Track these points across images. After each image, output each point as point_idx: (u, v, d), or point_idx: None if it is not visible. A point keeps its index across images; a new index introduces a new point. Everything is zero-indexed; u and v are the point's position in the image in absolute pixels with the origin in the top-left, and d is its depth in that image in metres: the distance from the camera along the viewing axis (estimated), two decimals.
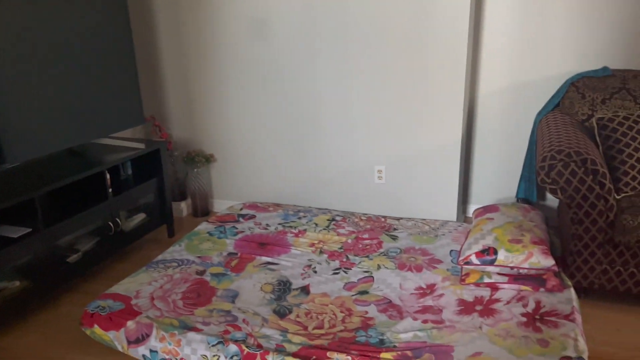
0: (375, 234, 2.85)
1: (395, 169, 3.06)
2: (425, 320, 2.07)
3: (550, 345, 1.86)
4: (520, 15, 2.84)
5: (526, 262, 2.20)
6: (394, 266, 2.50)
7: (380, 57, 2.88)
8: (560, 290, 2.19)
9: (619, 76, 2.62)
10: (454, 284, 2.31)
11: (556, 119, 2.59)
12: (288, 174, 3.33)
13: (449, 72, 2.78)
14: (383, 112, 2.98)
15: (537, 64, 2.89)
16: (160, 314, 2.11)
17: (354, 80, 2.97)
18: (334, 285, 2.37)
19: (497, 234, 2.35)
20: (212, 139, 3.44)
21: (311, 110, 3.13)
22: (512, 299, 2.17)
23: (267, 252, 2.67)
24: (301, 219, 3.06)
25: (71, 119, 2.59)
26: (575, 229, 2.22)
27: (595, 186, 2.12)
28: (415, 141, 2.97)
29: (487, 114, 3.07)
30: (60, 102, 2.52)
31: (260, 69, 3.15)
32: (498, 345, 1.88)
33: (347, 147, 3.12)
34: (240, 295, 2.28)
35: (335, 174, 3.21)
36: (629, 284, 2.22)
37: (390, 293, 2.29)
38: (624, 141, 2.34)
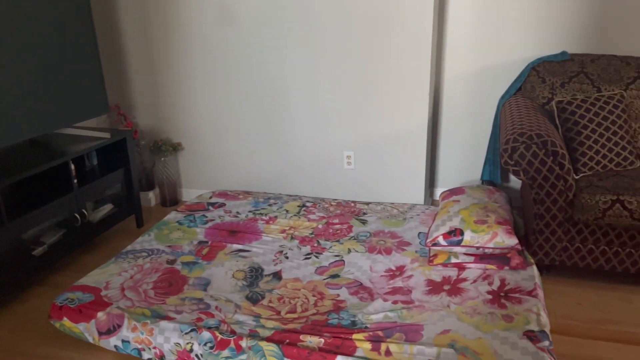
0: (345, 218, 2.88)
1: (364, 155, 3.09)
2: (396, 301, 2.12)
3: (515, 320, 1.93)
4: (483, 0, 2.89)
5: (491, 241, 2.27)
6: (364, 250, 2.54)
7: (347, 43, 2.89)
8: (524, 268, 2.27)
9: (577, 60, 2.70)
10: (422, 265, 2.37)
11: (518, 102, 2.66)
12: (257, 161, 3.33)
13: (414, 57, 2.82)
14: (351, 98, 3.00)
15: (500, 49, 2.95)
16: (131, 304, 2.09)
17: (321, 66, 2.98)
18: (306, 270, 2.40)
19: (463, 215, 2.41)
20: (179, 128, 3.40)
21: (279, 97, 3.12)
22: (478, 277, 2.25)
23: (238, 239, 2.68)
24: (272, 206, 3.07)
25: (32, 109, 2.52)
26: (537, 209, 2.30)
27: (555, 167, 2.20)
28: (383, 126, 3.00)
29: (452, 98, 3.13)
30: (20, 91, 2.45)
31: (227, 56, 3.12)
32: (465, 322, 1.94)
33: (316, 133, 3.13)
34: (212, 283, 2.28)
35: (304, 160, 3.22)
36: (587, 260, 2.32)
37: (360, 276, 2.33)
38: (582, 123, 2.42)
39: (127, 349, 1.98)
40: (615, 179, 2.32)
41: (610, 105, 2.45)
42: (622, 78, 2.61)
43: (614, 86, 2.61)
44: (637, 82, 2.58)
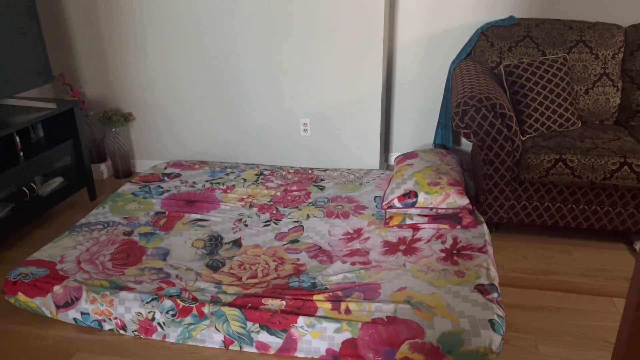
0: (303, 185, 2.91)
1: (320, 122, 3.11)
2: (354, 263, 2.18)
3: (466, 276, 2.03)
4: None
5: (444, 202, 2.36)
6: (322, 215, 2.59)
7: (300, 8, 2.86)
8: (475, 226, 2.38)
9: (523, 25, 2.78)
10: (379, 227, 2.44)
11: (468, 67, 2.73)
12: (213, 130, 3.29)
13: (368, 22, 2.82)
14: (306, 65, 2.99)
15: (451, 14, 3.00)
16: (88, 276, 2.07)
17: (274, 32, 2.94)
18: (265, 236, 2.42)
19: (417, 178, 2.49)
20: (130, 97, 3.30)
21: (233, 64, 3.07)
22: (432, 237, 2.34)
23: (195, 209, 2.67)
24: (229, 175, 3.06)
25: None
26: (486, 169, 2.39)
27: (503, 129, 2.29)
28: (339, 93, 3.02)
29: (405, 63, 3.17)
30: None
31: (177, 22, 3.02)
32: (420, 279, 2.03)
33: (272, 101, 3.12)
34: (172, 253, 2.28)
35: (261, 128, 3.21)
36: (533, 217, 2.45)
37: (319, 240, 2.38)
38: (528, 86, 2.52)
39: (87, 321, 1.97)
40: (558, 139, 2.44)
41: (554, 68, 2.55)
42: (565, 42, 2.71)
43: (558, 50, 2.71)
44: (579, 45, 2.69)
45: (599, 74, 2.67)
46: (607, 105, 2.68)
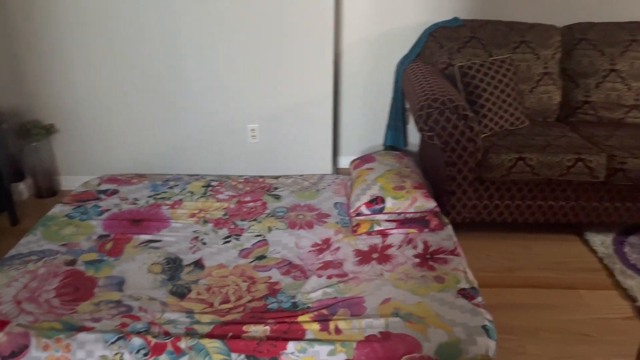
0: (257, 195, 2.76)
1: (269, 127, 2.97)
2: (330, 276, 2.08)
3: (446, 281, 2.01)
4: None
5: (412, 206, 2.33)
6: (285, 226, 2.46)
7: (245, 11, 2.70)
8: (442, 229, 2.37)
9: (469, 26, 2.83)
10: (347, 236, 2.36)
11: (421, 68, 2.73)
12: (150, 140, 3.03)
13: (316, 24, 2.73)
14: (252, 69, 2.83)
15: (395, 15, 2.98)
16: (34, 318, 1.79)
17: (218, 35, 2.76)
18: (229, 254, 2.25)
19: (381, 183, 2.44)
20: (51, 107, 2.95)
21: (171, 68, 2.84)
22: (402, 242, 2.30)
23: (143, 229, 2.42)
24: (173, 189, 2.83)
25: None
26: (449, 171, 2.40)
27: (466, 130, 2.30)
28: (288, 96, 2.90)
29: (350, 65, 3.12)
30: None
31: (107, 21, 2.74)
32: (401, 289, 1.98)
33: (216, 107, 2.93)
34: (127, 281, 2.04)
35: (204, 136, 3.01)
36: (494, 215, 2.50)
37: (288, 254, 2.25)
38: (481, 86, 2.56)
39: None
40: (512, 138, 2.50)
41: (503, 68, 2.62)
42: (509, 42, 2.79)
43: (503, 50, 2.78)
44: (522, 46, 2.79)
45: (541, 74, 2.78)
46: (549, 103, 2.80)
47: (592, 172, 2.33)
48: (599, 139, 2.51)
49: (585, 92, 2.78)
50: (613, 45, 2.78)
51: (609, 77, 2.76)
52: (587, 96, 2.78)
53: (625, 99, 2.77)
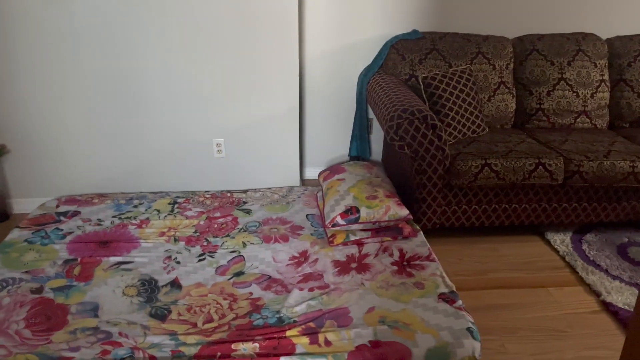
0: (226, 210, 2.72)
1: (236, 141, 2.94)
2: (312, 288, 2.08)
3: (426, 286, 2.06)
4: None
5: (386, 215, 2.37)
6: (259, 240, 2.44)
7: (208, 24, 2.67)
8: (414, 235, 2.43)
9: (429, 38, 2.93)
10: (324, 247, 2.36)
11: (385, 80, 2.79)
12: (110, 157, 2.92)
13: (281, 38, 2.74)
14: (217, 83, 2.80)
15: (356, 28, 3.04)
16: (7, 352, 1.68)
17: (181, 49, 2.71)
18: (205, 272, 2.20)
19: (354, 193, 2.46)
20: (1, 126, 2.79)
21: (131, 82, 2.76)
22: (378, 251, 2.33)
23: (112, 250, 2.33)
24: (138, 207, 2.74)
25: None
26: (419, 179, 2.46)
27: (434, 139, 2.37)
28: (253, 110, 2.88)
29: (313, 77, 3.14)
30: None
31: (62, 38, 2.63)
32: (384, 297, 2.00)
33: (180, 122, 2.87)
34: (102, 306, 1.95)
35: (168, 152, 2.93)
36: (462, 220, 2.58)
37: (266, 268, 2.23)
38: (445, 96, 2.65)
39: None
40: (475, 144, 2.60)
41: (463, 79, 2.72)
42: (467, 54, 2.91)
43: (461, 61, 2.90)
44: (479, 57, 2.91)
45: (498, 83, 2.91)
46: (506, 111, 2.94)
47: (552, 175, 2.46)
48: (555, 144, 2.65)
49: (538, 99, 2.94)
50: (561, 55, 2.96)
51: (559, 85, 2.93)
52: (540, 103, 2.94)
53: (574, 106, 2.94)
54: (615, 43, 3.06)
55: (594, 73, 2.96)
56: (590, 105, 2.95)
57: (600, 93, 2.96)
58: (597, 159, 2.48)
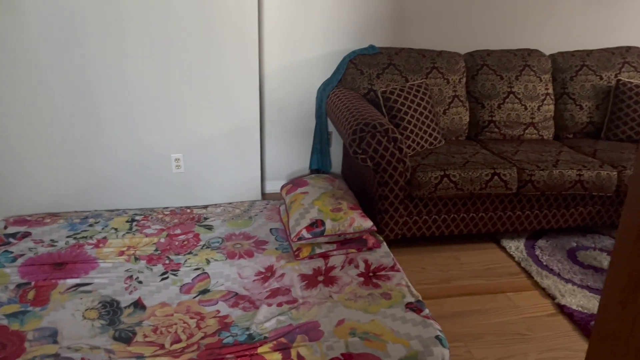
0: (187, 227, 2.67)
1: (195, 156, 2.89)
2: (280, 303, 2.06)
3: (393, 297, 2.09)
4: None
5: (351, 227, 2.39)
6: (223, 257, 2.40)
7: (166, 37, 2.64)
8: (379, 246, 2.46)
9: (385, 53, 3.00)
10: (290, 262, 2.36)
11: (345, 94, 2.83)
12: (61, 175, 2.81)
13: (241, 52, 2.74)
14: (175, 97, 2.76)
15: (314, 42, 3.08)
16: None
17: (137, 62, 2.65)
18: (169, 291, 2.15)
19: (318, 206, 2.48)
20: None
21: (87, 97, 2.67)
22: (344, 263, 2.35)
23: (69, 272, 2.23)
24: (94, 226, 2.64)
25: None
26: (381, 191, 2.50)
27: (396, 151, 2.42)
28: (213, 124, 2.85)
29: (273, 90, 3.15)
30: None
31: (10, 51, 2.52)
32: (353, 309, 2.01)
33: (137, 137, 2.80)
34: (61, 332, 1.86)
35: (124, 168, 2.85)
36: (423, 230, 2.64)
37: (232, 285, 2.19)
38: (403, 110, 2.72)
39: None
40: (433, 156, 2.68)
41: (420, 92, 2.80)
42: (422, 68, 3.00)
43: (417, 76, 2.99)
44: (433, 71, 3.01)
45: (452, 96, 3.02)
46: (460, 123, 3.05)
47: (507, 185, 2.57)
48: (508, 154, 2.77)
49: (490, 112, 3.06)
50: (509, 70, 3.10)
51: (509, 98, 3.07)
52: (492, 116, 3.06)
53: (523, 118, 3.09)
54: (558, 58, 3.24)
55: (539, 87, 3.12)
56: (538, 117, 3.11)
57: (546, 106, 3.13)
58: (547, 168, 2.60)
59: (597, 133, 3.20)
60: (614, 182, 2.65)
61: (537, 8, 3.29)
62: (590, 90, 3.18)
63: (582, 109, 3.17)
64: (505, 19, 3.27)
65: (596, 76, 3.19)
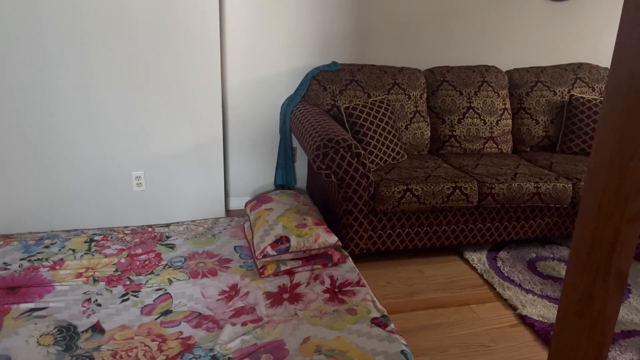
0: (148, 246, 2.60)
1: (157, 173, 2.84)
2: (245, 323, 2.03)
3: (358, 312, 2.08)
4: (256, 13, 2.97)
5: (316, 243, 2.38)
6: (186, 276, 2.35)
7: (126, 51, 2.59)
8: (344, 262, 2.46)
9: (348, 70, 3.04)
10: (254, 280, 2.33)
11: (309, 110, 2.84)
12: (14, 195, 2.70)
13: (203, 67, 2.72)
14: (136, 113, 2.71)
15: (277, 58, 3.09)
16: None
17: (96, 76, 2.60)
18: (129, 313, 2.08)
19: (283, 222, 2.46)
20: None
21: (42, 112, 2.59)
22: (309, 279, 2.33)
23: (22, 297, 2.14)
24: (50, 248, 2.55)
25: None
26: (346, 206, 2.51)
27: (359, 167, 2.44)
28: (176, 140, 2.81)
29: (236, 106, 3.13)
30: None
31: None
32: (319, 326, 2.00)
33: (96, 153, 2.72)
34: (15, 359, 1.77)
35: (82, 186, 2.77)
36: (387, 244, 2.65)
37: (195, 305, 2.15)
38: (366, 125, 2.75)
39: None
40: (396, 171, 2.71)
41: (382, 108, 2.84)
42: (384, 84, 3.05)
43: (379, 92, 3.03)
44: (395, 87, 3.06)
45: (413, 112, 3.07)
46: (422, 138, 3.10)
47: (468, 198, 2.61)
48: (468, 168, 2.83)
49: (451, 127, 3.13)
50: (468, 86, 3.18)
51: (468, 113, 3.14)
52: (452, 130, 3.13)
53: (482, 132, 3.17)
54: (514, 75, 3.35)
55: (497, 102, 3.21)
56: (496, 132, 3.20)
57: (504, 120, 3.22)
58: (506, 181, 2.67)
59: (553, 146, 3.31)
60: (569, 194, 2.74)
61: (492, 25, 3.40)
62: (545, 105, 3.29)
63: (538, 123, 3.28)
64: (462, 35, 3.36)
65: (550, 91, 3.31)
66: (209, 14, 2.65)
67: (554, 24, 3.51)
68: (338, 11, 3.09)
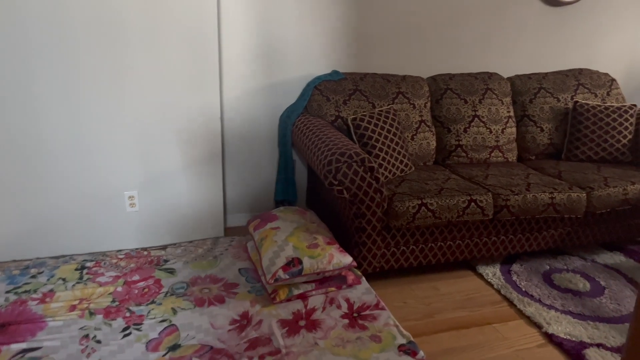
0: (146, 272, 2.41)
1: (151, 192, 2.65)
2: (262, 356, 1.87)
3: (383, 339, 1.94)
4: (255, 22, 2.82)
5: (330, 264, 2.24)
6: (191, 305, 2.17)
7: (120, 64, 2.41)
8: (359, 283, 2.32)
9: (350, 79, 2.91)
10: (266, 306, 2.16)
11: (313, 122, 2.70)
12: None
13: (200, 81, 2.55)
14: (128, 129, 2.52)
15: (275, 68, 2.94)
16: None
17: (87, 91, 2.40)
18: (134, 350, 1.90)
19: (293, 242, 2.30)
20: None
21: (28, 130, 2.39)
22: (324, 303, 2.18)
23: (12, 336, 1.93)
24: (37, 277, 2.33)
25: None
26: (358, 223, 2.37)
27: (372, 181, 2.31)
28: (171, 157, 2.63)
29: (233, 120, 2.97)
30: None
31: None
32: (343, 356, 1.85)
33: (85, 175, 2.52)
34: None
35: (71, 208, 2.56)
36: (401, 261, 2.52)
37: (205, 337, 1.97)
38: (374, 137, 2.62)
39: None
40: (407, 184, 2.59)
41: (389, 119, 2.72)
42: (388, 94, 2.93)
43: (383, 101, 2.91)
44: (399, 96, 2.95)
45: (419, 121, 2.96)
46: (428, 148, 2.99)
47: (483, 211, 2.51)
48: (479, 179, 2.73)
49: (457, 136, 3.03)
50: (472, 94, 3.09)
51: (474, 122, 3.05)
52: (458, 140, 3.03)
53: (488, 141, 3.07)
54: (516, 82, 3.28)
55: (502, 110, 3.13)
56: (502, 140, 3.11)
57: (509, 128, 3.14)
58: (521, 192, 2.58)
59: (558, 154, 3.25)
60: (583, 203, 2.66)
61: (491, 32, 3.32)
62: (549, 112, 3.22)
63: (543, 130, 3.21)
64: (462, 43, 3.28)
65: (553, 98, 3.25)
66: (207, 25, 2.48)
67: (554, 30, 3.46)
68: (336, 20, 2.96)
